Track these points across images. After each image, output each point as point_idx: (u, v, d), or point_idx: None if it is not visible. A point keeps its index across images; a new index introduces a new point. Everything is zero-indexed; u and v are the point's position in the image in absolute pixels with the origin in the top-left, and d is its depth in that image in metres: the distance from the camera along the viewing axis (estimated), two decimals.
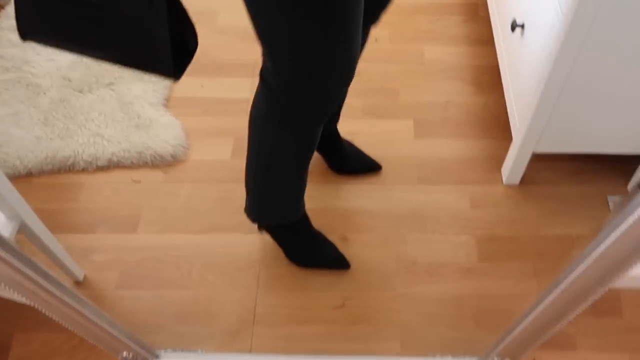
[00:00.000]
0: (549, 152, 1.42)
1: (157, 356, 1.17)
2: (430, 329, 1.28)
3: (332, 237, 1.39)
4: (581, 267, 0.71)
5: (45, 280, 0.77)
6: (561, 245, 1.42)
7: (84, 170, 1.53)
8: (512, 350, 1.09)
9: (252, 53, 1.77)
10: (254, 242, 1.36)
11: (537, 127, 1.33)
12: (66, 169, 1.54)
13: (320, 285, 1.34)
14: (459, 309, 1.32)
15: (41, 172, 1.53)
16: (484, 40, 1.89)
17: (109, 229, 1.41)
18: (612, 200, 1.54)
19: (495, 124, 1.65)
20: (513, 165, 1.48)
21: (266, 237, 1.38)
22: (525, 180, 1.53)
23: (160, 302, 1.31)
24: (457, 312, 1.31)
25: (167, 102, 1.68)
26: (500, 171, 1.55)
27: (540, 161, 1.57)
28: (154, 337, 1.19)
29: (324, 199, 1.48)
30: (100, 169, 1.54)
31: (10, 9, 1.93)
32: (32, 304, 0.80)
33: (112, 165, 1.54)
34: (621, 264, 0.65)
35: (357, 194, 1.49)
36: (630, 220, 0.58)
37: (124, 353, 1.07)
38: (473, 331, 1.29)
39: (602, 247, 0.64)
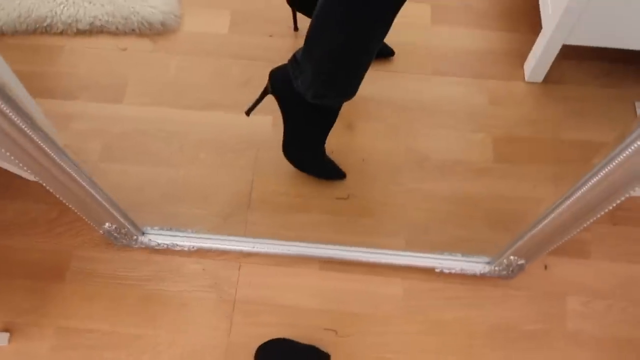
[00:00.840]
0: (580, 45, 1.28)
1: (143, 232, 1.06)
2: (438, 226, 1.19)
3: (337, 125, 1.26)
4: (602, 174, 0.69)
5: (28, 127, 0.63)
6: (582, 151, 1.32)
7: (63, 33, 1.36)
8: (527, 251, 1.01)
9: None
10: (253, 123, 1.23)
11: (572, 13, 1.18)
12: (42, 30, 1.36)
13: None
14: (469, 209, 1.22)
15: (15, 32, 1.36)
16: None
17: (92, 96, 1.26)
18: (639, 106, 1.42)
19: (522, 16, 1.49)
20: (539, 59, 1.34)
21: (265, 119, 1.24)
22: (549, 78, 1.39)
23: (147, 180, 1.19)
24: (468, 212, 1.22)
25: None
26: (522, 67, 1.41)
27: (566, 59, 1.42)
28: (139, 216, 1.08)
29: None
30: (82, 32, 1.37)
31: None
32: (8, 154, 0.67)
33: (95, 30, 1.37)
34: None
35: (366, 80, 1.34)
36: None
37: (107, 224, 0.96)
38: (483, 231, 1.20)
39: (625, 154, 0.62)
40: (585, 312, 1.15)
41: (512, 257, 1.04)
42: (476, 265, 1.11)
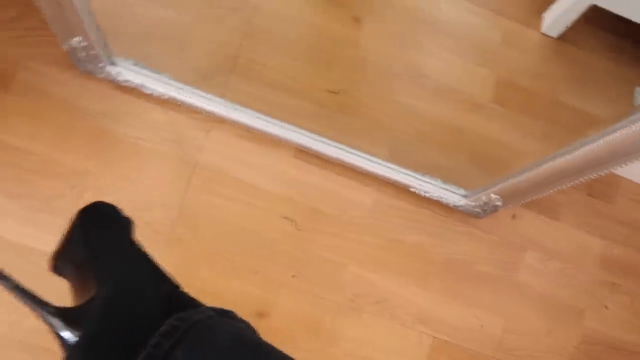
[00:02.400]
0: (606, 9, 1.22)
1: (113, 62, 0.93)
2: (422, 147, 1.13)
3: (343, 14, 1.16)
4: (593, 145, 0.74)
5: None
6: (575, 118, 1.29)
7: None
8: (507, 194, 0.98)
9: None
10: None
11: None
12: None
13: (318, 63, 1.12)
14: (456, 140, 1.17)
15: None
16: None
17: None
18: (638, 92, 1.40)
19: None
20: (561, 14, 1.28)
21: None
22: (564, 37, 1.34)
23: (129, 8, 1.04)
24: (453, 142, 1.17)
25: None
26: (541, 16, 1.34)
27: (586, 23, 1.37)
28: (110, 44, 0.94)
29: None
30: None
31: None
32: None
33: None
34: (626, 156, 0.72)
35: None
36: None
37: (77, 39, 0.82)
38: (464, 165, 1.15)
39: (617, 134, 0.70)
40: (538, 269, 1.14)
41: (492, 196, 1.00)
42: (452, 195, 1.07)
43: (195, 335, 0.47)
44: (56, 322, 0.47)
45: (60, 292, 0.59)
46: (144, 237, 0.96)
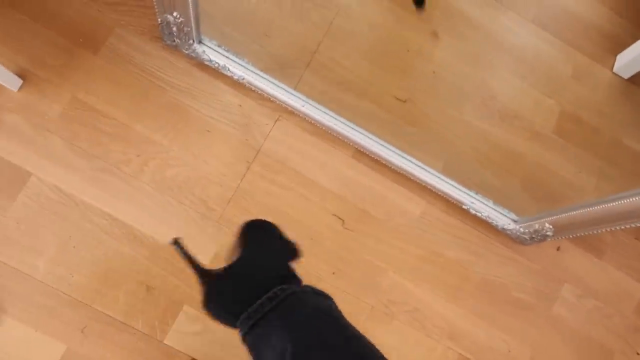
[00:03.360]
0: None
1: (201, 41, 0.97)
2: (477, 167, 1.14)
3: (421, 28, 1.17)
4: None
5: None
6: (634, 162, 1.27)
7: None
8: (560, 225, 0.98)
9: None
10: None
11: None
12: None
13: (391, 70, 1.14)
14: (511, 164, 1.17)
15: None
16: None
17: None
18: None
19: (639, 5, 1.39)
20: (635, 57, 1.26)
21: None
22: (636, 79, 1.32)
23: None
24: (509, 166, 1.17)
25: None
26: (615, 56, 1.33)
27: None
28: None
29: None
30: None
31: None
32: None
33: None
34: None
35: None
36: None
37: (174, 15, 0.86)
38: (515, 191, 1.16)
39: None
40: (574, 304, 1.14)
41: (546, 225, 1.00)
42: (502, 218, 1.07)
43: (289, 304, 0.62)
44: (201, 275, 0.68)
45: None
46: (197, 212, 1.00)
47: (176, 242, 0.71)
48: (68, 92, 0.99)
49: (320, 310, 0.63)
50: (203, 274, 0.71)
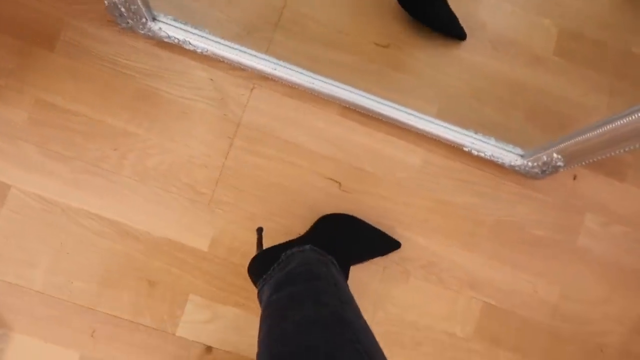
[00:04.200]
0: None
1: (154, 18, 0.90)
2: (475, 105, 1.06)
3: None
4: None
5: None
6: None
7: None
8: (569, 153, 0.90)
9: None
10: None
11: None
12: None
13: (367, 15, 1.06)
14: (512, 96, 1.09)
15: None
16: None
17: None
18: None
19: None
20: None
21: None
22: None
23: None
24: (510, 99, 1.09)
25: None
26: None
27: None
28: (152, 1, 0.91)
29: None
30: None
31: None
32: None
33: None
34: None
35: None
36: None
37: None
38: (521, 124, 1.08)
39: None
40: (599, 233, 1.06)
41: (554, 155, 0.92)
42: (508, 155, 1.00)
43: (286, 261, 0.76)
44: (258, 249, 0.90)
45: None
46: (187, 198, 0.95)
47: (259, 230, 0.92)
48: (30, 95, 0.94)
49: (301, 264, 0.74)
50: (261, 248, 0.90)
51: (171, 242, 0.96)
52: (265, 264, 0.79)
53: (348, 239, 0.93)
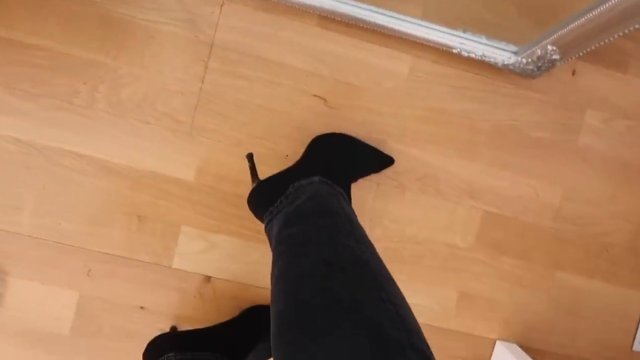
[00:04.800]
0: None
1: None
2: (463, 2, 0.98)
3: None
4: None
5: None
6: None
7: None
8: (565, 43, 0.83)
9: None
10: None
11: None
12: None
13: None
14: None
15: None
16: None
17: None
18: None
19: None
20: None
21: None
22: None
23: None
24: None
25: None
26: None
27: None
28: None
29: None
30: None
31: None
32: None
33: None
34: None
35: None
36: None
37: None
38: (512, 18, 1.01)
39: None
40: (602, 130, 1.01)
41: (549, 47, 0.86)
42: (500, 53, 0.94)
43: (294, 195, 0.72)
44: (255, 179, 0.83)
45: None
46: (166, 128, 0.91)
47: (249, 156, 0.86)
48: None
49: (313, 197, 0.70)
50: (256, 178, 0.83)
51: (155, 175, 0.93)
52: (269, 196, 0.76)
53: (345, 160, 0.89)
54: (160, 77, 0.92)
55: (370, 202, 0.98)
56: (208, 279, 0.97)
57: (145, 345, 0.86)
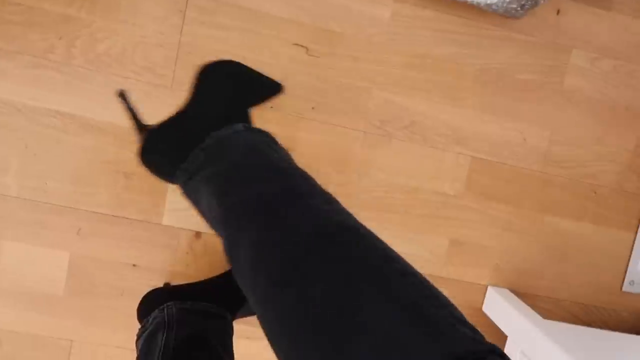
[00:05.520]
0: None
1: None
2: None
3: None
4: None
5: None
6: None
7: None
8: None
9: None
10: None
11: None
12: None
13: None
14: None
15: None
16: None
17: None
18: None
19: None
20: None
21: None
22: None
23: None
24: None
25: None
26: None
27: None
28: None
29: None
30: None
31: None
32: None
33: None
34: None
35: None
36: None
37: None
38: None
39: None
40: (588, 70, 1.00)
41: None
42: None
43: (217, 150, 0.60)
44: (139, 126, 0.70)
45: None
46: (147, 83, 0.90)
47: (122, 94, 0.73)
48: None
49: (249, 151, 0.59)
50: (141, 124, 0.70)
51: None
52: (175, 148, 0.63)
53: (243, 90, 0.81)
54: (136, 30, 0.90)
55: (357, 151, 0.97)
56: (199, 234, 0.97)
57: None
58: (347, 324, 0.38)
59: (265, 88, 0.89)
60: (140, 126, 0.71)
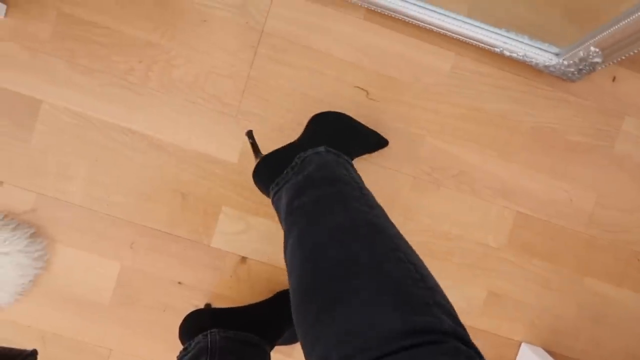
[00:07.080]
0: None
1: None
2: (508, 2, 1.00)
3: None
4: None
5: None
6: None
7: None
8: (608, 46, 0.85)
9: None
10: None
11: None
12: None
13: None
14: None
15: None
16: None
17: None
18: None
19: None
20: None
21: None
22: None
23: None
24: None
25: None
26: None
27: None
28: None
29: None
30: None
31: None
32: None
33: None
34: None
35: None
36: None
37: None
38: (557, 21, 1.02)
39: None
40: (638, 138, 1.02)
41: (591, 49, 0.87)
42: (542, 54, 0.95)
43: (301, 165, 0.71)
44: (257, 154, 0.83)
45: None
46: (214, 110, 0.95)
47: (249, 133, 0.86)
48: (53, 8, 0.94)
49: (321, 166, 0.70)
50: (258, 153, 0.84)
51: (200, 155, 0.97)
52: (274, 168, 0.75)
53: (346, 135, 0.90)
54: (210, 60, 0.96)
55: (406, 194, 1.00)
56: (244, 259, 1.00)
57: (180, 320, 0.89)
58: (342, 287, 0.49)
59: (370, 139, 0.95)
60: (257, 154, 0.84)
